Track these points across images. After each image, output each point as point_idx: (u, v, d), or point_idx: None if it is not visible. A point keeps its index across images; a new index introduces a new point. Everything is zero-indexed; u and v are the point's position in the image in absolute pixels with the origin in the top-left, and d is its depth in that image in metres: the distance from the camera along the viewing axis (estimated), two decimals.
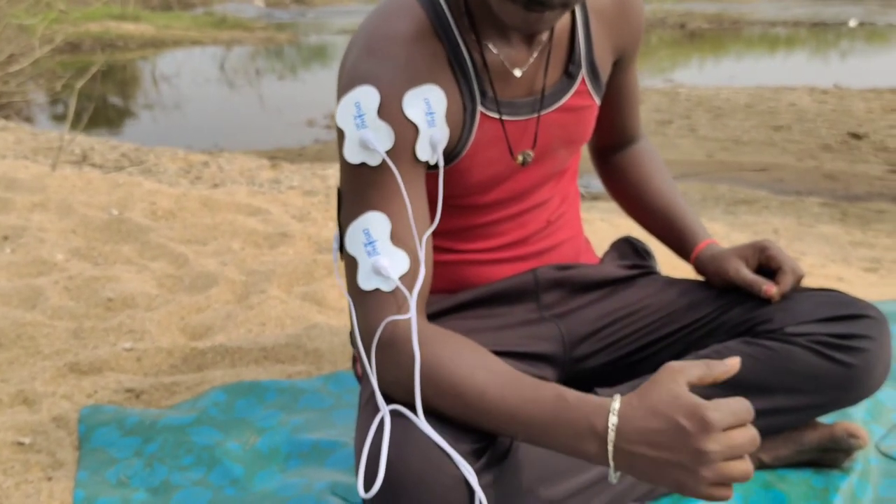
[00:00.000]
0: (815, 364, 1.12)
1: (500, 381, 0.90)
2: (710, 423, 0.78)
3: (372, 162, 0.97)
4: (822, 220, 3.68)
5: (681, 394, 0.81)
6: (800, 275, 1.18)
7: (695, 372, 0.83)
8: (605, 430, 0.83)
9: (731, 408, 0.79)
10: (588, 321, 1.25)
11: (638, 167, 1.36)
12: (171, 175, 3.61)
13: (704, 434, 0.78)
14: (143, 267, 2.23)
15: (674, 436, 0.79)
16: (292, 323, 1.87)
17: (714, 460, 0.78)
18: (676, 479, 0.80)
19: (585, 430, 0.84)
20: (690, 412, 0.79)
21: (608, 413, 0.83)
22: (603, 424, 0.83)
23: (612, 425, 0.82)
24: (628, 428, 0.82)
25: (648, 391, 0.83)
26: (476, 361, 0.93)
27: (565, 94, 1.13)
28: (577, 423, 0.84)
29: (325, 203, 2.94)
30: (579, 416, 0.84)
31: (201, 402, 1.52)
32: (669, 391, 0.81)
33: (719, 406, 0.79)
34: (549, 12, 0.93)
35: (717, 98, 7.26)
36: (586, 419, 0.84)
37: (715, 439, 0.78)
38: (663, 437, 0.80)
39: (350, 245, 0.98)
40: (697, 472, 0.79)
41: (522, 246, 1.22)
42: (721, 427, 0.78)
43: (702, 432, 0.78)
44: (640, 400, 0.82)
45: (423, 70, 0.99)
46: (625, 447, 0.82)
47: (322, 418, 1.47)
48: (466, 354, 0.93)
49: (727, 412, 0.79)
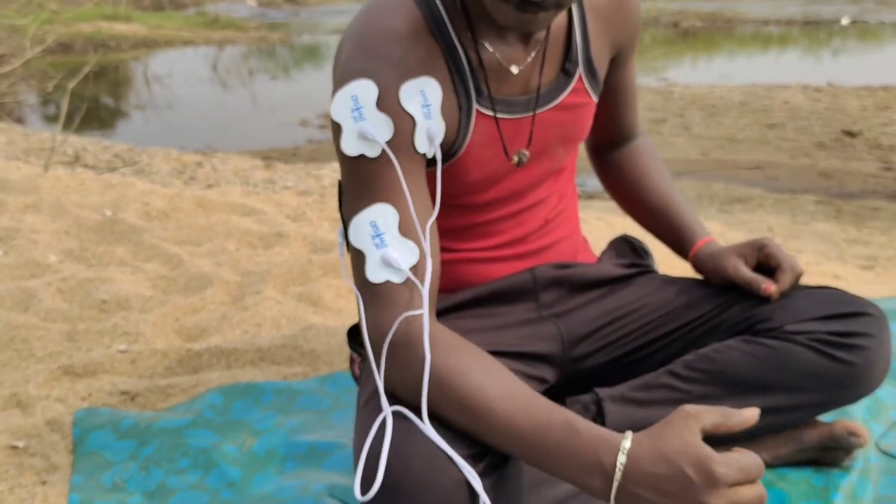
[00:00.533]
0: (815, 362, 1.11)
1: (512, 399, 0.89)
2: (717, 477, 0.78)
3: (371, 153, 0.96)
4: (817, 217, 3.68)
5: (691, 442, 0.80)
6: (799, 273, 1.17)
7: (709, 420, 0.83)
8: (613, 468, 0.82)
9: (741, 463, 0.79)
10: (587, 320, 1.24)
11: (635, 165, 1.35)
12: (164, 175, 3.60)
13: (710, 488, 0.78)
14: (136, 268, 2.22)
15: (679, 485, 0.79)
16: (288, 324, 1.86)
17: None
18: None
19: (592, 465, 0.83)
20: (698, 463, 0.79)
21: (618, 451, 0.82)
22: (611, 462, 0.82)
23: (621, 464, 0.82)
24: (635, 469, 0.81)
25: (660, 434, 0.82)
26: (489, 375, 0.91)
27: (562, 92, 1.13)
28: (584, 456, 0.84)
29: (320, 203, 2.92)
30: (588, 449, 0.84)
31: (197, 404, 1.51)
32: (681, 437, 0.81)
33: (728, 460, 0.79)
34: (542, 13, 0.92)
35: (711, 96, 7.26)
36: (595, 454, 0.83)
37: (719, 495, 0.78)
38: (668, 485, 0.80)
39: (356, 238, 0.97)
40: None
41: (520, 244, 1.21)
42: (727, 483, 0.78)
43: (707, 486, 0.78)
44: (651, 442, 0.82)
45: (417, 67, 0.98)
46: (629, 487, 0.81)
47: (319, 420, 1.46)
48: (479, 366, 0.92)
49: (735, 468, 0.79)
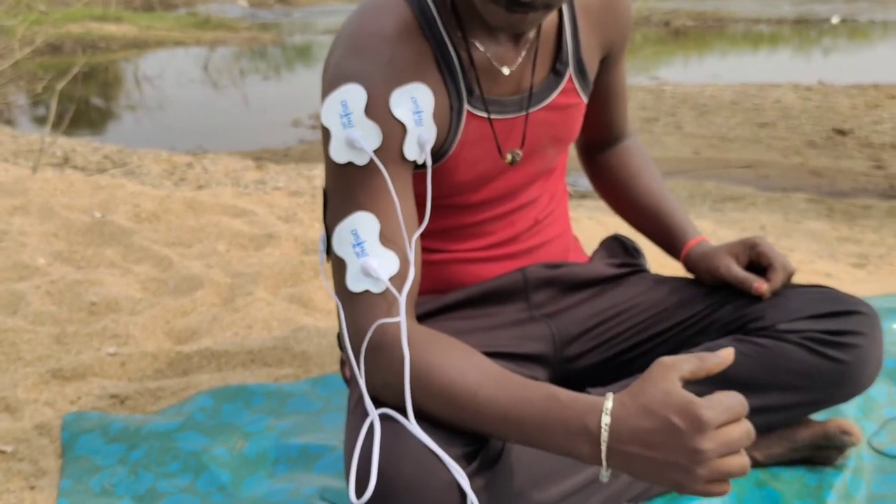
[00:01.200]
0: (807, 361, 1.11)
1: (492, 381, 0.89)
2: (704, 421, 0.77)
3: (359, 161, 0.95)
4: (809, 216, 3.69)
5: (672, 391, 0.79)
6: (790, 271, 1.17)
7: (687, 367, 0.82)
8: (598, 430, 0.81)
9: (725, 403, 0.78)
10: (578, 320, 1.24)
11: (626, 165, 1.35)
12: (154, 177, 3.58)
13: (699, 433, 0.77)
14: (126, 270, 2.20)
15: (668, 435, 0.78)
16: (279, 325, 1.85)
17: (709, 458, 0.77)
18: (672, 478, 0.79)
19: (578, 430, 0.82)
20: (683, 410, 0.77)
21: (601, 412, 0.82)
22: (596, 424, 0.81)
23: (605, 425, 0.81)
24: (621, 427, 0.80)
25: (641, 389, 0.81)
26: (467, 363, 0.91)
27: (552, 92, 1.12)
28: (569, 423, 0.83)
29: (311, 204, 2.91)
30: (572, 415, 0.83)
31: (187, 407, 1.50)
32: (661, 388, 0.80)
33: (712, 403, 0.78)
34: (532, 13, 0.92)
35: (703, 95, 7.28)
36: (579, 419, 0.82)
37: (709, 437, 0.77)
38: (657, 437, 0.78)
39: (338, 246, 0.96)
40: (693, 470, 0.77)
41: (511, 244, 1.20)
42: (715, 425, 0.77)
43: (696, 431, 0.77)
44: (633, 399, 0.81)
45: (409, 68, 0.98)
46: (618, 447, 0.80)
47: (310, 422, 1.45)
48: (457, 356, 0.92)
49: (720, 409, 0.78)
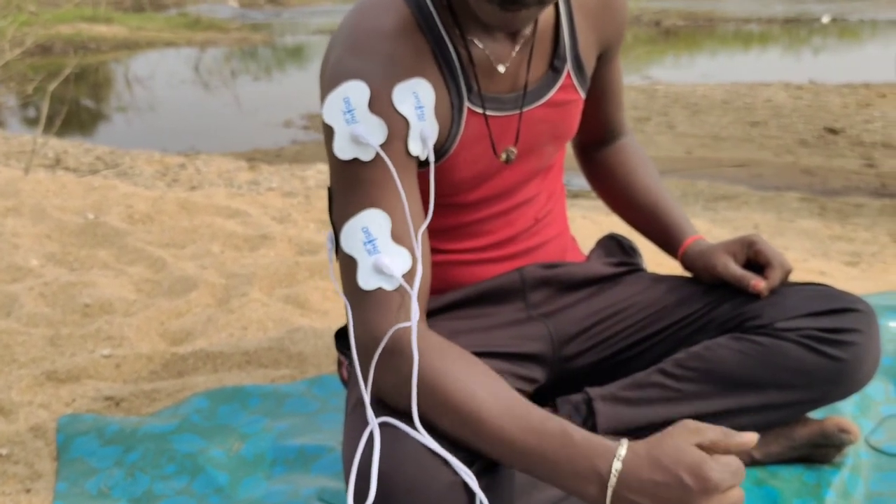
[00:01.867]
0: (805, 359, 1.11)
1: (503, 405, 0.88)
2: (714, 483, 0.79)
3: (364, 157, 0.94)
4: (802, 214, 3.70)
5: (686, 448, 0.81)
6: (788, 269, 1.17)
7: (710, 435, 0.83)
8: (608, 475, 0.82)
9: (733, 467, 0.80)
10: (576, 320, 1.23)
11: (622, 163, 1.35)
12: (147, 178, 3.56)
13: (707, 494, 0.79)
14: (120, 272, 2.19)
15: (676, 491, 0.80)
16: (274, 326, 1.84)
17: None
18: None
19: (587, 472, 0.83)
20: (695, 470, 0.79)
21: (613, 458, 0.82)
22: (606, 469, 0.82)
23: (616, 471, 0.81)
24: (631, 477, 0.81)
25: (658, 442, 0.82)
26: (480, 381, 0.90)
27: (551, 89, 1.12)
28: (579, 464, 0.83)
29: (305, 204, 2.91)
30: (583, 456, 0.83)
31: (183, 408, 1.49)
32: (676, 444, 0.81)
33: (721, 465, 0.80)
34: (525, 10, 0.92)
35: (694, 95, 7.29)
36: (590, 461, 0.83)
37: (716, 501, 0.79)
38: (665, 491, 0.80)
39: (347, 244, 0.95)
40: None
41: (510, 245, 1.20)
42: (723, 489, 0.79)
43: (704, 492, 0.79)
44: (647, 449, 0.82)
45: (408, 65, 0.97)
46: (625, 495, 0.81)
47: (307, 423, 1.44)
48: (471, 373, 0.91)
49: (729, 473, 0.80)
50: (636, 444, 0.83)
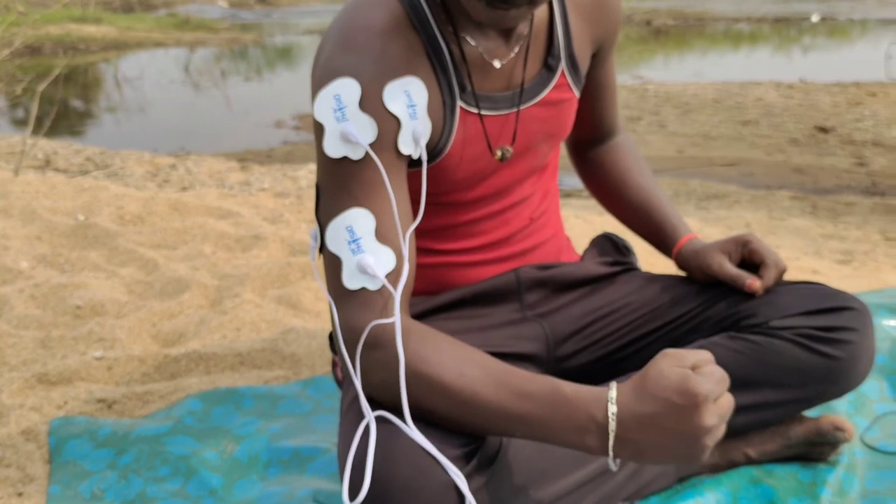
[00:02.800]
0: (800, 357, 1.11)
1: (492, 377, 0.89)
2: (703, 395, 0.79)
3: (354, 155, 0.94)
4: (793, 213, 3.71)
5: (667, 372, 0.82)
6: (782, 268, 1.18)
7: (690, 360, 0.84)
8: (606, 421, 0.83)
9: (716, 375, 0.82)
10: (571, 320, 1.23)
11: (616, 162, 1.35)
12: (137, 178, 3.55)
13: (701, 408, 0.79)
14: (111, 273, 2.18)
15: (671, 416, 0.80)
16: (268, 327, 1.84)
17: (714, 429, 0.81)
18: (681, 454, 0.82)
19: (585, 423, 0.84)
20: (681, 388, 0.80)
21: (607, 403, 0.83)
22: (603, 415, 0.83)
23: (612, 415, 0.82)
24: (627, 416, 0.82)
25: (641, 376, 0.83)
26: (466, 359, 0.91)
27: (545, 88, 1.12)
28: (576, 417, 0.84)
29: (297, 204, 2.90)
30: (577, 408, 0.84)
31: (176, 410, 1.48)
32: (658, 372, 0.82)
33: (705, 376, 0.81)
34: (514, 10, 0.92)
35: (685, 94, 7.31)
36: (585, 411, 0.84)
37: (711, 412, 0.80)
38: (661, 420, 0.81)
39: (332, 243, 0.95)
40: (700, 442, 0.81)
41: (505, 246, 1.20)
42: (714, 398, 0.81)
43: (695, 407, 0.80)
44: (634, 386, 0.83)
45: (400, 62, 0.97)
46: (625, 435, 0.82)
47: (301, 424, 1.43)
48: (455, 352, 0.91)
49: (713, 381, 0.81)
50: (623, 383, 0.84)
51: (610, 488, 1.08)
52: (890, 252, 2.92)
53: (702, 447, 0.81)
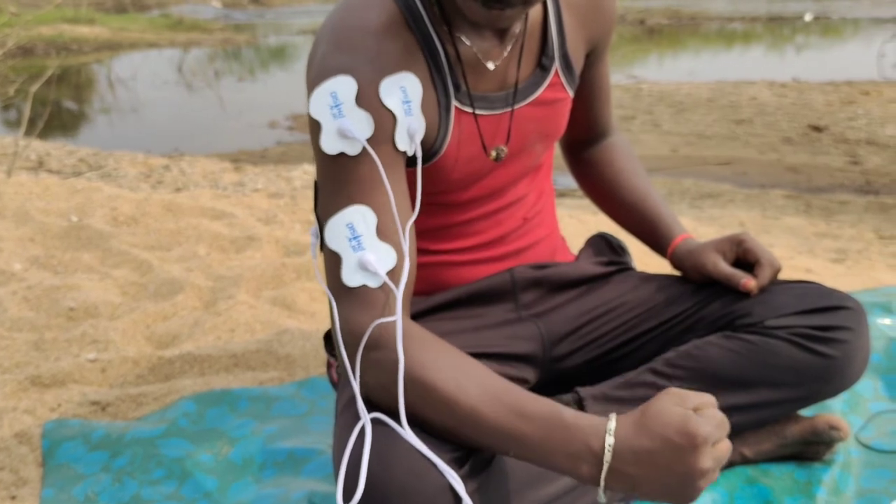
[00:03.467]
0: (795, 357, 1.11)
1: (492, 394, 0.87)
2: (704, 438, 0.78)
3: (351, 151, 0.94)
4: (787, 212, 3.71)
5: (668, 410, 0.81)
6: (777, 267, 1.18)
7: (693, 402, 0.83)
8: (602, 452, 0.81)
9: (717, 419, 0.81)
10: (567, 320, 1.23)
11: (611, 162, 1.35)
12: (131, 180, 3.53)
13: (699, 451, 0.78)
14: (105, 275, 2.17)
15: (668, 454, 0.79)
16: (262, 328, 1.83)
17: (710, 473, 0.80)
18: (673, 493, 0.81)
19: (582, 452, 0.82)
20: (681, 428, 0.79)
21: (605, 434, 0.82)
22: (600, 446, 0.82)
23: (609, 446, 0.81)
24: (624, 449, 0.81)
25: (643, 411, 0.82)
26: (466, 372, 0.89)
27: (539, 88, 1.12)
28: (572, 443, 0.83)
29: (292, 205, 2.89)
30: (575, 435, 0.83)
31: (170, 412, 1.48)
32: (660, 409, 0.81)
33: (707, 419, 0.80)
34: (509, 9, 0.92)
35: (679, 93, 7.32)
36: (583, 439, 0.83)
37: (709, 455, 0.79)
38: (658, 458, 0.80)
39: (332, 240, 0.94)
40: (695, 484, 0.80)
41: (499, 245, 1.19)
42: (713, 441, 0.80)
43: (694, 449, 0.78)
44: (634, 420, 0.82)
45: (396, 61, 0.97)
46: (619, 468, 0.81)
47: (296, 426, 1.43)
48: (456, 364, 0.90)
49: (714, 424, 0.80)
50: (624, 416, 0.83)
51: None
52: (884, 250, 2.93)
53: (695, 489, 0.80)
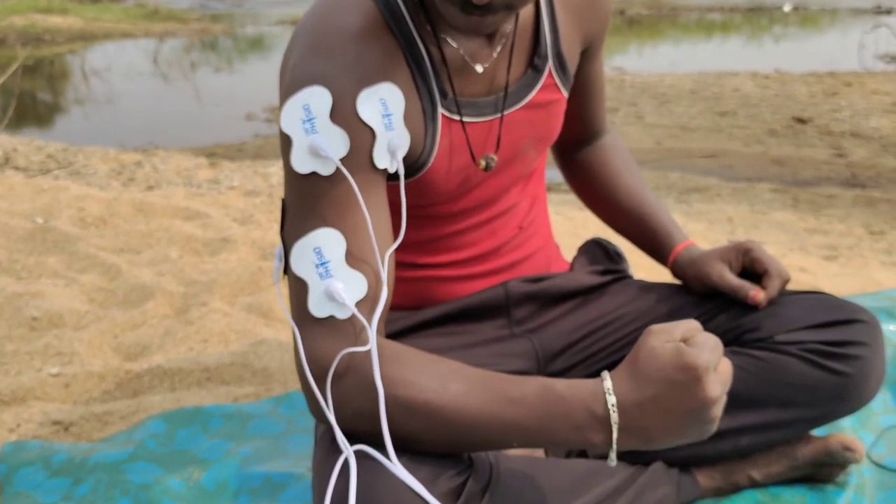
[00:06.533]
0: (808, 374, 1.04)
1: (477, 386, 0.81)
2: (703, 366, 0.74)
3: (323, 171, 0.85)
4: (775, 206, 3.65)
5: (659, 349, 0.76)
6: (786, 278, 1.10)
7: (678, 332, 0.78)
8: (607, 414, 0.76)
9: (709, 344, 0.77)
10: (562, 334, 1.15)
11: (605, 164, 1.27)
12: (101, 177, 3.41)
13: (701, 381, 0.74)
14: (71, 280, 2.07)
15: (673, 395, 0.75)
16: (237, 338, 1.74)
17: (719, 399, 0.76)
18: (689, 432, 0.77)
19: (585, 419, 0.77)
20: (677, 363, 0.75)
21: (605, 394, 0.77)
22: (603, 408, 0.77)
23: (612, 406, 0.76)
24: (628, 404, 0.76)
25: (633, 359, 0.78)
26: (445, 372, 0.83)
27: (531, 90, 1.03)
28: (574, 414, 0.78)
29: (269, 204, 2.79)
30: (575, 405, 0.78)
31: (138, 433, 1.38)
32: (649, 351, 0.77)
33: (698, 347, 0.76)
34: (490, 16, 0.83)
35: (662, 85, 7.27)
36: (583, 407, 0.77)
37: (713, 382, 0.75)
38: (664, 401, 0.75)
39: (298, 266, 0.86)
40: (708, 415, 0.76)
41: (494, 258, 1.12)
42: (713, 367, 0.75)
43: (697, 380, 0.74)
44: (628, 370, 0.78)
45: (376, 68, 0.88)
46: (630, 424, 0.76)
47: (274, 447, 1.34)
48: (433, 368, 0.83)
49: (708, 350, 0.76)
50: (616, 371, 0.79)
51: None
52: (874, 246, 2.87)
53: (710, 419, 0.76)
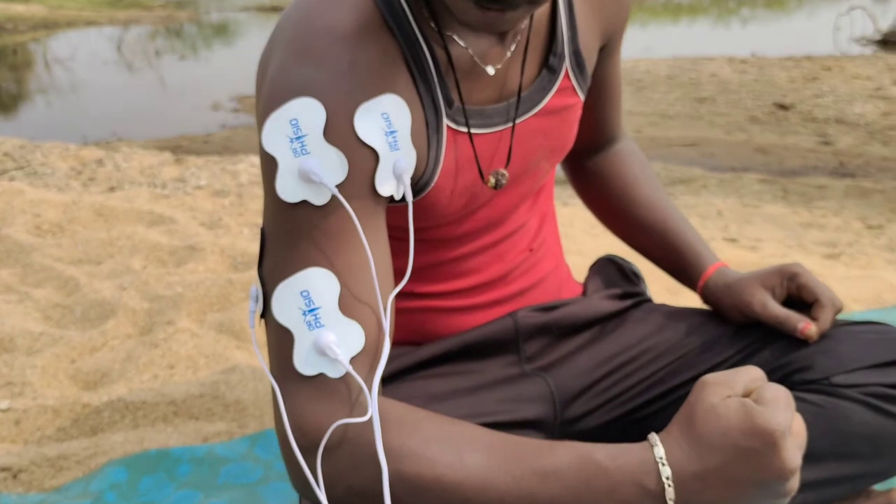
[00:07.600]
0: (871, 422, 0.90)
1: (499, 458, 0.67)
2: (780, 429, 0.63)
3: (316, 200, 0.69)
4: (765, 198, 3.53)
5: (721, 409, 0.64)
6: (839, 307, 0.97)
7: (740, 385, 0.67)
8: (661, 488, 0.65)
9: (781, 400, 0.65)
10: (581, 373, 1.01)
11: (621, 173, 1.13)
12: (60, 177, 3.21)
13: (780, 447, 0.63)
14: (24, 296, 1.89)
15: (744, 464, 0.64)
16: (206, 364, 1.57)
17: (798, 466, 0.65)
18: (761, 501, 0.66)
19: (635, 495, 0.65)
20: (747, 429, 0.63)
21: (657, 465, 0.65)
22: (655, 481, 0.65)
23: (668, 479, 0.65)
24: (686, 476, 0.65)
25: (689, 418, 0.66)
26: (462, 441, 0.68)
27: (546, 94, 0.89)
28: (620, 490, 0.65)
29: (238, 205, 2.62)
30: (620, 479, 0.65)
31: (96, 482, 1.22)
32: (710, 411, 0.65)
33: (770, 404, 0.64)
34: (510, 12, 0.68)
35: (637, 70, 7.15)
36: (632, 481, 0.65)
37: (790, 449, 0.64)
38: (732, 471, 0.64)
39: (281, 312, 0.70)
40: (785, 488, 0.65)
41: (501, 286, 0.97)
42: (787, 429, 0.64)
43: (775, 447, 0.63)
44: (684, 434, 0.66)
45: (375, 75, 0.72)
46: (690, 499, 0.65)
47: (249, 498, 1.18)
48: (447, 434, 0.69)
49: (781, 409, 0.64)
50: (666, 434, 0.67)
51: None
52: (875, 242, 2.76)
53: (786, 492, 0.65)
